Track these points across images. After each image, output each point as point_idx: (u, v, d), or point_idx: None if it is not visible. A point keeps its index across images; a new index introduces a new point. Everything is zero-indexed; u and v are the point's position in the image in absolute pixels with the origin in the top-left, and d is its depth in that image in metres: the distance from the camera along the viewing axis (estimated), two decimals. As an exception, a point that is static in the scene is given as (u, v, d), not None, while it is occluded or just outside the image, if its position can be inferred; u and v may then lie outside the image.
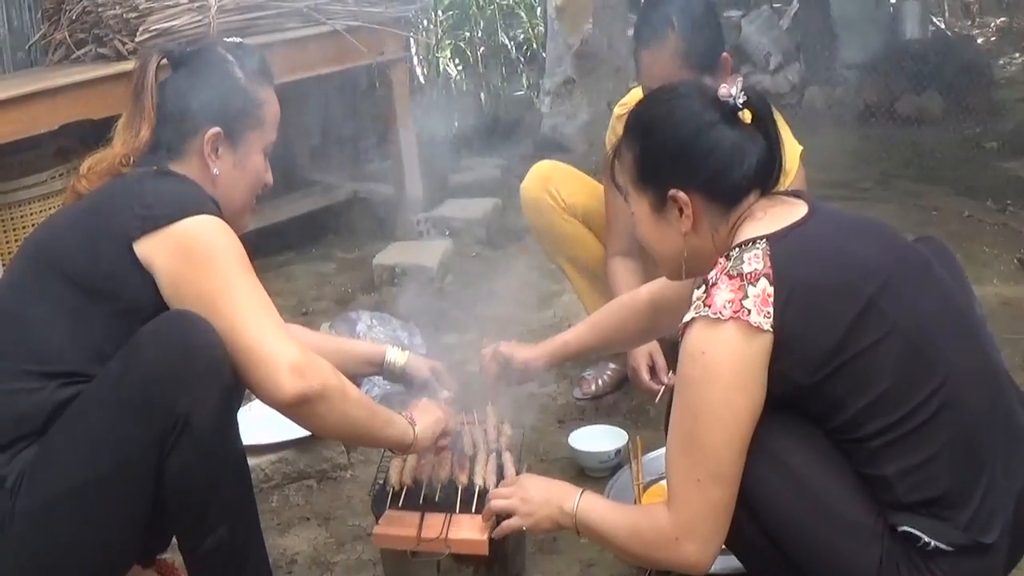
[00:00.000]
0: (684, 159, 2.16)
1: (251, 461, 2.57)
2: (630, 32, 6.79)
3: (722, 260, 2.09)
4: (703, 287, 2.08)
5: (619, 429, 3.39)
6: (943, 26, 9.81)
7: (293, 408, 2.23)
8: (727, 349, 2.01)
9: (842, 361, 2.01)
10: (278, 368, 2.18)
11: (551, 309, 4.72)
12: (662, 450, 3.08)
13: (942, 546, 2.02)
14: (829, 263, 2.06)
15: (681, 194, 2.16)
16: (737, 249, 2.08)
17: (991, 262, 4.90)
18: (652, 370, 3.36)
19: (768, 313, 1.99)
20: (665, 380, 3.28)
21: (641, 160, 2.23)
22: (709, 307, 2.03)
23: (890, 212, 5.53)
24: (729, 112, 2.15)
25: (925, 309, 2.09)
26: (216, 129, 2.40)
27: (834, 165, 6.61)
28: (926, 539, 2.02)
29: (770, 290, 2.00)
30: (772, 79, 8.45)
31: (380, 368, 2.92)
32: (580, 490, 2.36)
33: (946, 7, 10.42)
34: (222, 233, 2.26)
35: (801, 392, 2.04)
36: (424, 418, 2.62)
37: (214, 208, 2.31)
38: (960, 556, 2.03)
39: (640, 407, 3.70)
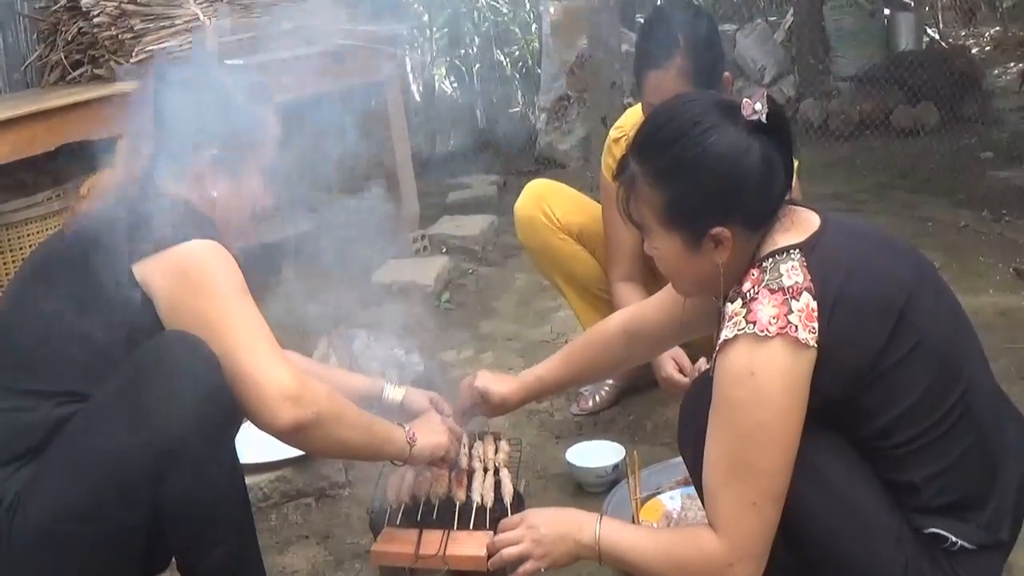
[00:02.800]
0: (727, 197, 2.05)
1: (249, 480, 2.57)
2: (624, 48, 6.84)
3: (755, 271, 2.03)
4: (739, 301, 2.01)
5: (616, 444, 3.38)
6: (937, 37, 9.85)
7: (289, 435, 2.25)
8: (778, 369, 1.96)
9: (877, 374, 1.99)
10: (273, 396, 2.19)
11: (547, 325, 4.73)
12: (659, 465, 3.12)
13: (967, 545, 2.04)
14: (863, 276, 2.02)
15: (725, 231, 2.06)
16: (771, 259, 2.03)
17: (987, 272, 4.91)
18: (680, 373, 3.33)
19: (813, 329, 1.95)
20: (696, 375, 3.20)
21: (677, 202, 2.09)
22: (754, 323, 1.96)
23: (886, 223, 5.53)
24: (755, 129, 2.04)
25: (944, 318, 2.09)
26: (214, 151, 2.40)
27: (830, 177, 6.64)
28: (953, 539, 2.04)
29: (814, 304, 1.96)
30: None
31: (378, 402, 2.91)
32: (595, 518, 2.28)
33: (940, 18, 10.45)
34: (219, 257, 2.27)
35: (833, 404, 2.02)
36: (425, 438, 2.61)
37: (212, 231, 2.31)
38: (979, 553, 2.06)
39: (637, 422, 3.70)
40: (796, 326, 1.95)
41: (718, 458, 2.05)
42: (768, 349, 1.96)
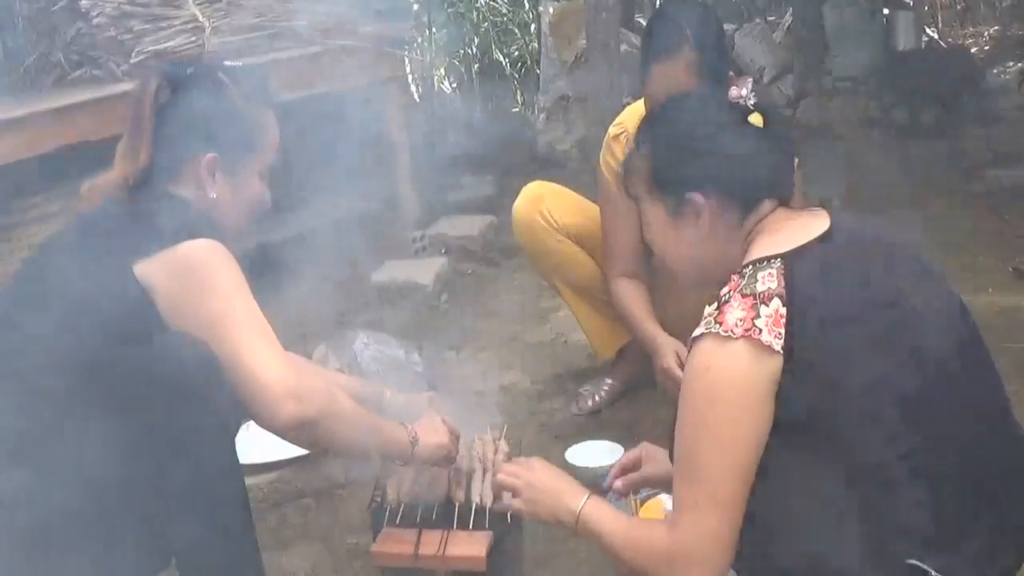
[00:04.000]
0: (698, 162, 2.12)
1: (249, 480, 2.57)
2: (624, 48, 6.84)
3: (735, 277, 2.03)
4: (715, 304, 2.01)
5: (616, 444, 3.39)
6: (936, 36, 9.85)
7: (291, 432, 2.26)
8: (734, 367, 1.95)
9: (855, 392, 1.95)
10: (275, 394, 2.19)
11: (547, 325, 4.73)
12: (659, 464, 3.11)
13: None
14: (845, 289, 1.99)
15: (697, 197, 2.11)
16: (751, 267, 2.02)
17: (986, 271, 4.91)
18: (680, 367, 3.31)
19: (779, 334, 1.93)
20: None
21: (655, 165, 2.19)
22: (720, 324, 1.96)
23: (884, 223, 5.51)
24: (741, 115, 2.12)
25: (942, 341, 2.04)
26: (213, 154, 2.41)
27: (828, 177, 6.63)
28: (933, 574, 1.97)
29: (783, 311, 1.93)
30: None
31: (378, 408, 2.91)
32: (587, 492, 2.28)
33: (939, 17, 10.46)
34: (221, 257, 2.27)
35: (811, 420, 1.97)
36: (428, 437, 2.62)
37: (212, 231, 2.32)
38: None
39: (636, 422, 3.70)
40: (761, 329, 1.93)
41: (676, 452, 2.06)
42: (729, 349, 1.95)
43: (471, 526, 2.63)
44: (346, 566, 3.05)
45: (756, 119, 2.13)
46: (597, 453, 3.36)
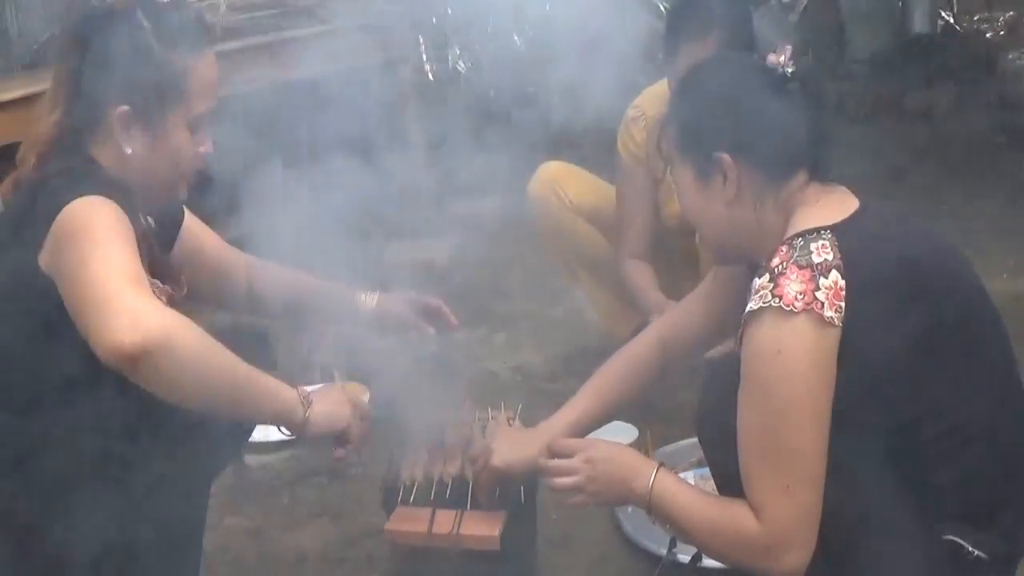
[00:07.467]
0: (728, 121, 2.11)
1: (262, 458, 2.57)
2: (641, 28, 6.81)
3: (784, 248, 2.01)
4: (767, 276, 1.99)
5: (629, 425, 3.38)
6: (952, 20, 9.80)
7: (131, 363, 1.87)
8: (804, 344, 1.93)
9: (903, 366, 1.96)
10: (112, 314, 1.87)
11: (561, 305, 4.72)
12: (672, 446, 3.11)
13: (983, 556, 2.00)
14: (898, 263, 2.00)
15: (725, 157, 2.10)
16: (801, 239, 2.00)
17: (1001, 257, 4.89)
18: None
19: (839, 308, 1.93)
20: None
21: (686, 124, 2.19)
22: (780, 297, 1.94)
23: (899, 207, 5.51)
24: (776, 81, 2.12)
25: (980, 319, 2.08)
26: (123, 108, 2.17)
27: (843, 159, 6.59)
28: (969, 548, 2.00)
29: (842, 283, 1.93)
30: (781, 74, 8.44)
31: (353, 314, 2.88)
32: (652, 468, 2.20)
33: (955, 1, 10.40)
34: (101, 209, 2.03)
35: (857, 393, 1.98)
36: (323, 403, 2.32)
37: (116, 191, 2.10)
38: (994, 565, 2.03)
39: (649, 403, 3.69)
40: (823, 303, 1.92)
41: (749, 439, 2.02)
42: (793, 325, 1.93)
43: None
44: (359, 545, 3.05)
45: (794, 86, 2.12)
46: (611, 434, 3.33)
